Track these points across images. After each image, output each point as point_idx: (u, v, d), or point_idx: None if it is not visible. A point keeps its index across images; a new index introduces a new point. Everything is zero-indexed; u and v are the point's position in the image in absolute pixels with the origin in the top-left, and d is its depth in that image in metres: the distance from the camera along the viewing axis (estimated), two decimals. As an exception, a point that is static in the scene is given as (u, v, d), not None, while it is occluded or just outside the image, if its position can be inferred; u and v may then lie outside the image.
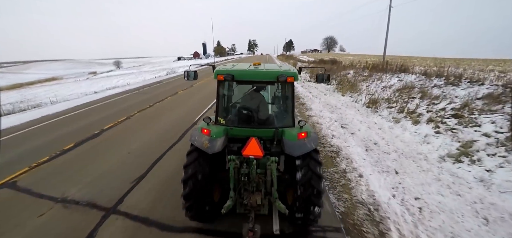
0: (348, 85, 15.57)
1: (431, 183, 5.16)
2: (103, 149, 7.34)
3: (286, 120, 4.05)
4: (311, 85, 18.82)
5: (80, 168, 6.19)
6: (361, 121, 9.38)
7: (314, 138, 3.69)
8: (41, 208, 4.60)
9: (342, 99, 13.33)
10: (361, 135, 7.95)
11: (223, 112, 4.16)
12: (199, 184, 3.47)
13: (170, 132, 8.55)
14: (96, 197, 4.88)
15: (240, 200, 3.64)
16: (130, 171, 5.87)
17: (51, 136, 8.78)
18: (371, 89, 13.82)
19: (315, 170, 3.45)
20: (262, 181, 3.61)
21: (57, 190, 5.21)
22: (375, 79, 15.26)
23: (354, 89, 14.52)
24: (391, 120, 9.32)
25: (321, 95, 14.49)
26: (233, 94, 4.94)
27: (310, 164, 3.48)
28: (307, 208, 3.48)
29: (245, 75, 3.79)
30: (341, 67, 23.75)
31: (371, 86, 14.42)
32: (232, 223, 3.92)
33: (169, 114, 11.24)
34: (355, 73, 19.00)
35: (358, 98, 12.97)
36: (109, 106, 13.53)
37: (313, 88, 17.29)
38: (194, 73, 4.74)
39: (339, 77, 19.18)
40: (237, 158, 3.57)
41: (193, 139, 3.70)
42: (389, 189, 5.00)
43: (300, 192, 3.45)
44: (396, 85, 12.88)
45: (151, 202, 4.66)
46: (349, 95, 13.97)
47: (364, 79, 16.00)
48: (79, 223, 4.18)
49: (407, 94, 11.34)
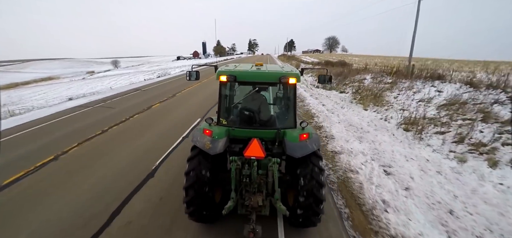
0: (369, 95, 12.63)
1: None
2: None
3: (288, 121, 4.05)
4: (321, 93, 15.86)
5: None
6: (407, 157, 6.47)
7: (315, 139, 3.66)
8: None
9: (366, 115, 10.41)
10: (419, 190, 5.04)
11: (225, 113, 4.14)
12: (201, 185, 3.42)
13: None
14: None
15: (242, 201, 3.60)
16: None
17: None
18: (401, 102, 10.89)
19: (317, 178, 3.40)
20: (264, 182, 3.58)
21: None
22: (404, 88, 12.32)
23: (378, 101, 11.59)
24: (450, 156, 6.40)
25: (337, 108, 11.58)
26: (235, 95, 4.76)
27: (313, 172, 3.42)
28: (308, 214, 3.47)
29: (248, 76, 3.78)
30: (353, 71, 20.78)
31: (400, 97, 11.49)
32: (233, 224, 3.84)
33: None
34: (374, 79, 16.06)
35: (387, 114, 10.04)
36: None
37: (324, 97, 14.35)
38: (196, 73, 4.52)
39: (355, 83, 16.24)
40: (239, 159, 3.54)
41: (195, 140, 3.66)
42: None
43: (302, 200, 3.42)
44: (438, 99, 9.94)
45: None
46: (372, 109, 11.04)
47: (388, 87, 13.06)
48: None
49: (459, 113, 8.40)
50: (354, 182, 5.41)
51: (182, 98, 15.26)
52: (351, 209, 4.54)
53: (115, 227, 4.08)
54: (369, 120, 9.72)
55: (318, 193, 3.37)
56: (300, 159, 3.47)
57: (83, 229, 4.05)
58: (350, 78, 18.49)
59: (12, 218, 4.38)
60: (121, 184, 5.32)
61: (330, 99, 13.87)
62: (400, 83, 13.30)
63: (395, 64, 18.64)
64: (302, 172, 3.44)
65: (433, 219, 4.21)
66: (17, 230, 4.08)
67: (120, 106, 13.29)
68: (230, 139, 3.81)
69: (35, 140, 8.34)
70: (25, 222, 4.27)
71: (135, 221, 4.20)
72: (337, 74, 20.99)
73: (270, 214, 3.72)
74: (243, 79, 3.75)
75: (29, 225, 4.17)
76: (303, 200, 3.40)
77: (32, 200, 4.92)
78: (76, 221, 4.25)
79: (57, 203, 4.76)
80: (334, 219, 4.28)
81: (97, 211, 4.48)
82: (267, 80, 3.82)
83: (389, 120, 9.45)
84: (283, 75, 3.56)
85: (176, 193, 4.87)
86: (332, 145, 7.28)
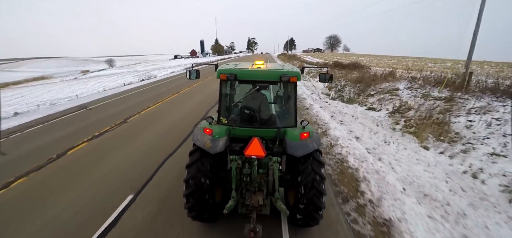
0: (422, 119, 8.51)
1: None
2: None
3: (288, 120, 4.00)
4: (341, 110, 11.70)
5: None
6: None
7: (316, 138, 3.62)
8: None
9: (431, 161, 6.29)
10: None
11: (225, 112, 4.10)
12: (201, 184, 3.38)
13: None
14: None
15: (242, 200, 3.56)
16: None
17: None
18: (481, 135, 6.77)
19: (318, 171, 3.38)
20: (264, 181, 3.56)
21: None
22: (474, 109, 8.20)
23: (442, 131, 7.47)
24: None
25: (380, 144, 7.43)
26: (235, 94, 4.59)
27: (313, 165, 3.41)
28: (309, 210, 3.41)
29: (248, 74, 3.76)
30: (376, 77, 16.62)
31: (475, 125, 7.38)
32: (234, 223, 3.79)
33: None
34: (412, 89, 11.94)
35: (469, 161, 5.95)
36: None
37: (349, 117, 10.21)
38: (196, 71, 4.42)
39: (385, 94, 12.11)
40: (239, 158, 3.50)
41: (195, 139, 3.63)
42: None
43: (302, 193, 3.38)
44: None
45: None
46: (436, 147, 6.93)
47: (447, 107, 8.93)
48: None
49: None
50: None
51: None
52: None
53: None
54: (444, 174, 5.62)
55: (319, 186, 3.34)
56: (300, 159, 3.45)
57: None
58: (374, 87, 14.39)
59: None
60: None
61: (358, 121, 9.73)
62: (461, 99, 9.19)
63: (421, 65, 14.43)
64: (303, 166, 3.43)
65: None
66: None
67: (54, 133, 9.22)
68: (231, 138, 3.80)
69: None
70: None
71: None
72: (355, 81, 16.87)
73: (273, 213, 3.75)
74: (244, 77, 3.76)
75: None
76: (304, 192, 3.36)
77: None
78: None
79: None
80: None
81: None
82: (267, 79, 3.82)
83: (483, 179, 5.35)
84: (283, 73, 3.57)
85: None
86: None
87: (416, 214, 4.24)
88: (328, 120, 9.56)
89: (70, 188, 5.33)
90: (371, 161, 6.04)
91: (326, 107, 12.15)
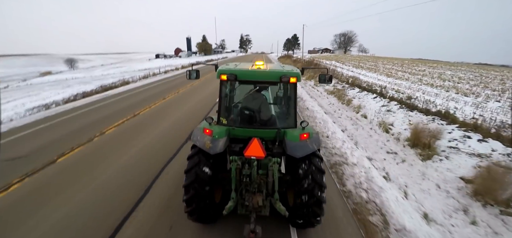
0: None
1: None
2: None
3: (288, 121, 4.07)
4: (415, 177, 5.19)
5: None
6: None
7: (316, 139, 3.66)
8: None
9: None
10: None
11: (225, 112, 4.14)
12: (201, 185, 3.41)
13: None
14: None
15: (242, 201, 3.60)
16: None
17: None
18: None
19: (318, 180, 3.42)
20: (264, 182, 3.59)
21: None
22: None
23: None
24: None
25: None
26: (235, 94, 4.74)
27: (313, 174, 3.42)
28: (308, 215, 3.50)
29: (248, 75, 3.79)
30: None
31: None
32: (233, 224, 3.82)
33: None
34: None
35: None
36: None
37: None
38: (196, 72, 4.47)
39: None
40: (239, 159, 3.55)
41: (195, 139, 3.64)
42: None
43: (302, 201, 3.43)
44: None
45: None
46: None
47: None
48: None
49: None
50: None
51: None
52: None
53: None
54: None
55: (319, 195, 3.40)
56: (300, 159, 3.48)
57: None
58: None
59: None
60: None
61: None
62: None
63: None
64: (303, 173, 3.45)
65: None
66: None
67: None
68: (230, 139, 3.82)
69: None
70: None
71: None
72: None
73: (273, 213, 3.73)
74: (244, 78, 3.78)
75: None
76: (304, 200, 3.42)
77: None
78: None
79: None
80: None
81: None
82: (267, 80, 3.87)
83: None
84: (284, 74, 3.59)
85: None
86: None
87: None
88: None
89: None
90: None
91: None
